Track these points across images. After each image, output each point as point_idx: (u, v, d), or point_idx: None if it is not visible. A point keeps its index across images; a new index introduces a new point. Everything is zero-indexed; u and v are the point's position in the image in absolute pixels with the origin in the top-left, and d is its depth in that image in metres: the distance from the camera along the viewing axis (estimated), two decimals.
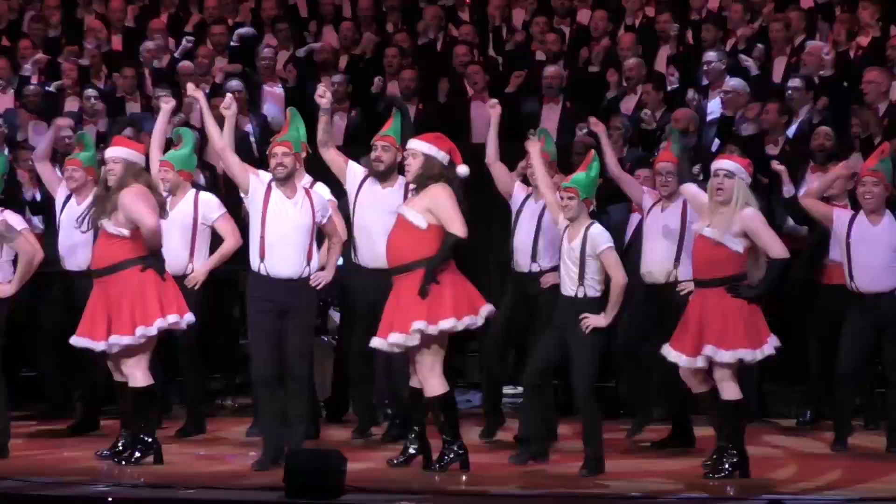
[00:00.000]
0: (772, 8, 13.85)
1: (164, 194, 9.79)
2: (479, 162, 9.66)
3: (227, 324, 12.03)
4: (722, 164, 8.98)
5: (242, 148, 12.88)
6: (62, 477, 9.18)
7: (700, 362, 8.82)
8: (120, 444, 9.67)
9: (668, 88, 13.08)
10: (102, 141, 12.63)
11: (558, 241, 9.14)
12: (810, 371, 10.68)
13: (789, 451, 9.83)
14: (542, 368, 9.18)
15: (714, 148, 11.74)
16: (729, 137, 11.33)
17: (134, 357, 9.48)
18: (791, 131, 11.83)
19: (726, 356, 8.74)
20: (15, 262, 9.65)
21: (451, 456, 9.17)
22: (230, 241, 10.30)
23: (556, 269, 9.29)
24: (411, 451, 9.33)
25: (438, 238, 9.00)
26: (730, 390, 8.84)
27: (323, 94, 9.43)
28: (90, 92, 13.58)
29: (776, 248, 8.82)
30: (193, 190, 10.38)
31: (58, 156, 12.32)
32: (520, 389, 10.30)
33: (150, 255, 9.50)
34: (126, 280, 9.41)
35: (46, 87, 14.08)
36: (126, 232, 9.39)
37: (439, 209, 9.02)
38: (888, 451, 9.71)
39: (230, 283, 11.58)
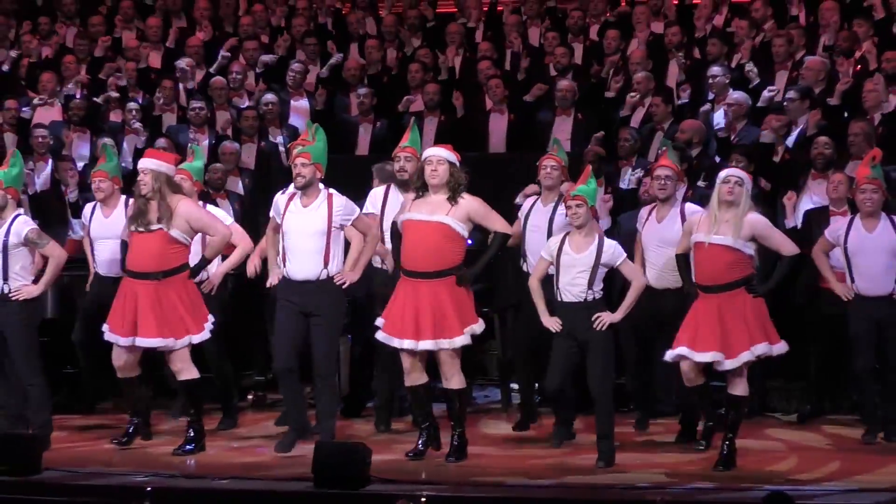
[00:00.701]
0: (773, 24, 13.79)
1: None
2: (496, 170, 9.66)
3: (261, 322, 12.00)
4: (733, 171, 9.06)
5: (273, 158, 12.97)
6: (103, 468, 9.22)
7: (718, 359, 8.83)
8: (130, 430, 9.81)
9: (678, 102, 13.04)
10: (140, 154, 12.74)
11: None
12: (810, 369, 10.61)
13: (789, 444, 9.76)
14: (561, 379, 9.16)
15: (717, 160, 11.74)
16: (729, 153, 11.24)
17: (182, 353, 9.61)
18: (791, 140, 11.77)
19: (748, 355, 8.81)
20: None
21: (457, 443, 9.27)
22: (242, 246, 10.24)
23: None
24: (422, 443, 9.34)
25: (465, 245, 9.14)
26: (743, 387, 8.89)
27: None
28: (132, 105, 13.61)
29: (788, 247, 8.99)
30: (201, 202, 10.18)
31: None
32: None
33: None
34: (180, 284, 9.55)
35: (93, 99, 14.11)
36: (189, 239, 9.55)
37: (479, 216, 9.14)
38: (888, 440, 9.67)
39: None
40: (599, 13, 14.83)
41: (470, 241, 9.07)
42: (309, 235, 9.33)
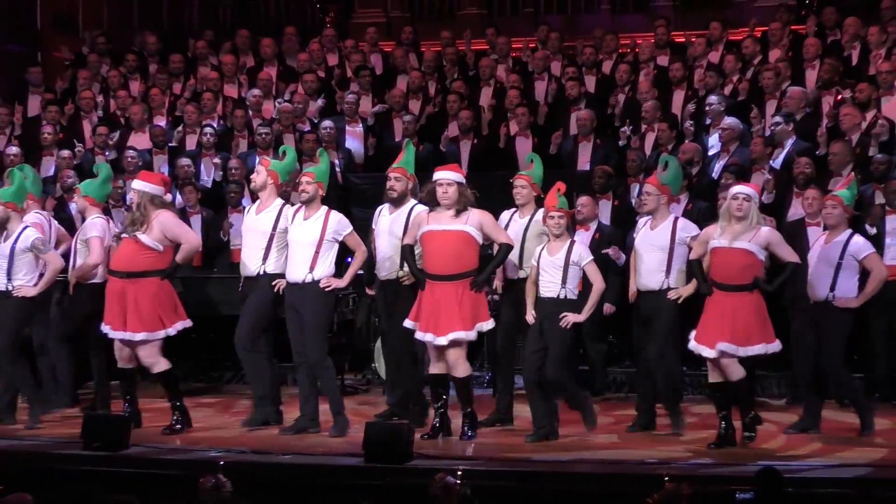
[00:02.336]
0: (761, 58, 13.77)
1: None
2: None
3: None
4: (742, 189, 9.09)
5: (330, 176, 13.01)
6: (182, 444, 9.33)
7: (741, 352, 8.88)
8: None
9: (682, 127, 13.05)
10: (223, 169, 12.90)
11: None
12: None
13: (778, 425, 9.73)
14: (538, 366, 9.20)
15: (715, 175, 11.73)
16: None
17: (152, 348, 9.73)
18: (778, 162, 11.77)
19: (758, 349, 8.90)
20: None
21: (469, 419, 9.29)
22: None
23: None
24: (438, 422, 9.35)
25: (479, 250, 9.19)
26: (740, 372, 8.93)
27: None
28: (208, 130, 13.67)
29: (791, 256, 9.04)
30: (280, 200, 9.91)
31: (177, 181, 12.53)
32: None
33: (172, 267, 9.79)
34: (147, 285, 9.66)
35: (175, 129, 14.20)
36: (161, 247, 9.62)
37: (488, 228, 9.21)
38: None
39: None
40: (612, 50, 14.80)
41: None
42: (301, 243, 9.42)
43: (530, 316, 9.20)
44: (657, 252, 9.34)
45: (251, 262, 9.71)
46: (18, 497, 5.98)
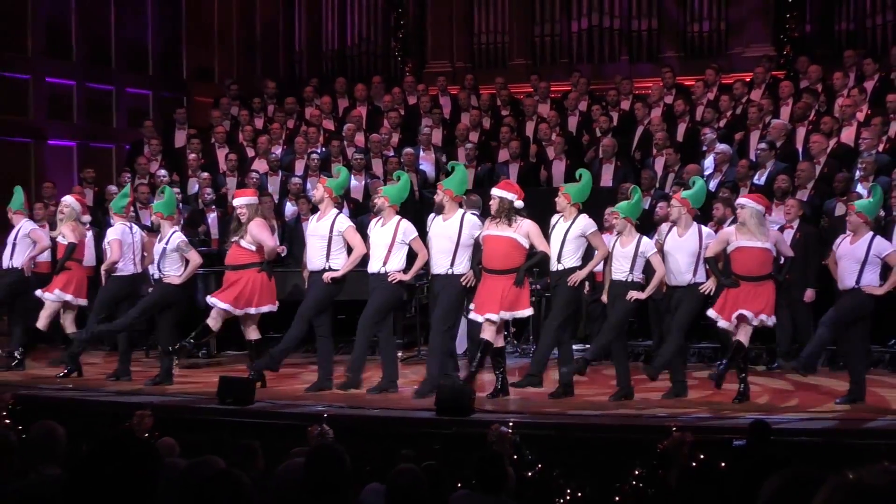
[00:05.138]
0: (748, 97, 13.62)
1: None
2: (554, 200, 9.57)
3: None
4: (742, 200, 9.04)
5: (410, 192, 12.99)
6: (292, 401, 9.33)
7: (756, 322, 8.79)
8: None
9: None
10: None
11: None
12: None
13: (763, 387, 9.60)
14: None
15: (713, 188, 11.61)
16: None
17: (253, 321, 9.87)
18: (762, 179, 11.63)
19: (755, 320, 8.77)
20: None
21: (501, 382, 9.23)
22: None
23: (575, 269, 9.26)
24: (500, 385, 9.27)
25: (526, 254, 9.13)
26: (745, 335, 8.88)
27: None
28: (314, 155, 13.71)
29: (790, 252, 9.08)
30: (335, 210, 9.77)
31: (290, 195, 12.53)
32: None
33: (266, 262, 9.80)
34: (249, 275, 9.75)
35: (287, 155, 14.25)
36: (253, 247, 9.66)
37: (533, 236, 9.12)
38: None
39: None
40: (629, 92, 14.69)
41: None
42: (379, 245, 9.44)
43: (605, 296, 9.15)
44: (686, 255, 9.06)
45: (315, 260, 9.63)
46: (166, 441, 6.01)
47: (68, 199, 10.84)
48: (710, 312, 8.98)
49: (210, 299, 9.84)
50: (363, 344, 9.57)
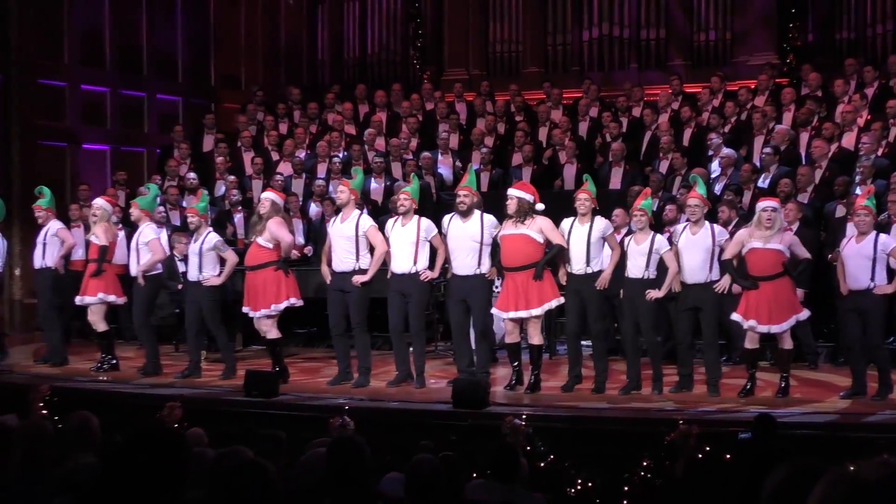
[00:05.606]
0: (752, 104, 13.57)
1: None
2: (567, 201, 9.55)
3: None
4: (769, 203, 8.89)
5: (427, 193, 13.02)
6: (314, 393, 9.35)
7: (785, 326, 8.76)
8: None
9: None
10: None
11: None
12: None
13: (767, 382, 9.55)
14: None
15: (718, 192, 11.57)
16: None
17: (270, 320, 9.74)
18: (766, 183, 11.59)
19: (788, 324, 8.77)
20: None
21: (534, 380, 9.19)
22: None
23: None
24: (514, 379, 9.26)
25: (542, 249, 9.03)
26: (788, 342, 8.88)
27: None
28: (336, 159, 13.72)
29: (806, 253, 8.94)
30: (358, 210, 9.77)
31: (314, 196, 12.52)
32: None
33: (282, 259, 9.75)
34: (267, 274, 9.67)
35: (310, 158, 14.26)
36: (271, 244, 9.55)
37: (547, 231, 9.05)
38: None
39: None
40: (638, 99, 14.65)
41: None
42: (404, 244, 9.35)
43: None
44: (701, 252, 8.95)
45: (344, 261, 9.53)
46: (195, 431, 6.03)
47: (99, 202, 10.83)
48: (736, 317, 8.91)
49: (248, 312, 9.75)
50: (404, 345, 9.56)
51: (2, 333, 11.78)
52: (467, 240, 9.24)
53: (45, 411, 8.12)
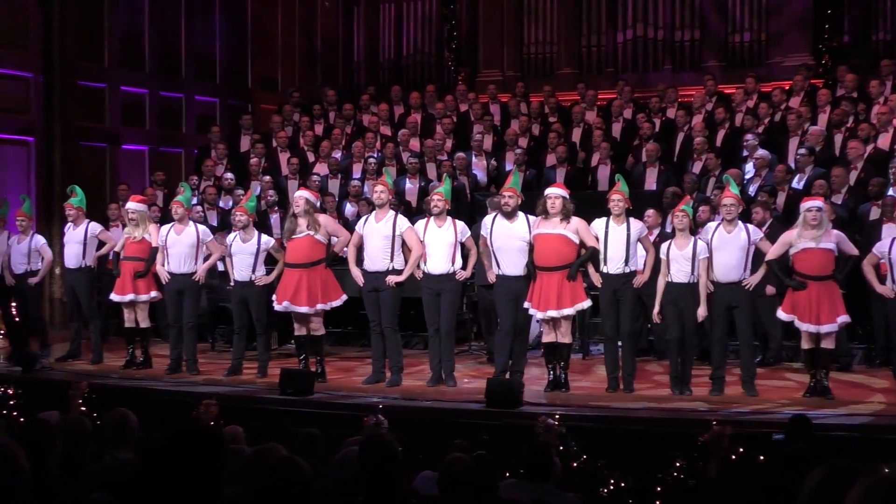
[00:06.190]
0: (787, 105, 13.46)
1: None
2: (601, 202, 9.49)
3: None
4: (815, 203, 8.77)
5: (461, 193, 13.01)
6: (349, 392, 9.36)
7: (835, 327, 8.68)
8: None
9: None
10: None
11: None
12: None
13: (801, 383, 9.42)
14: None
15: (752, 193, 11.48)
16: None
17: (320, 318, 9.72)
18: (801, 184, 11.49)
19: (834, 326, 8.67)
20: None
21: (564, 376, 9.13)
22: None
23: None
24: (552, 378, 9.22)
25: (577, 249, 9.00)
26: (832, 343, 8.80)
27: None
28: (371, 160, 13.74)
29: (854, 251, 8.80)
30: (393, 211, 9.70)
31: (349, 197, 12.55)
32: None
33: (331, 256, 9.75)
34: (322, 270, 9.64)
35: (345, 158, 14.29)
36: (325, 240, 9.58)
37: (582, 233, 9.02)
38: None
39: None
40: (672, 100, 14.56)
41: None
42: (441, 245, 9.31)
43: (658, 296, 9.00)
44: (736, 251, 8.85)
45: (378, 260, 9.48)
46: (232, 428, 6.05)
47: (132, 206, 10.57)
48: (782, 314, 8.85)
49: (289, 307, 9.59)
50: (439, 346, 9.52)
51: (44, 331, 11.87)
52: (515, 240, 9.15)
53: (84, 408, 8.18)
